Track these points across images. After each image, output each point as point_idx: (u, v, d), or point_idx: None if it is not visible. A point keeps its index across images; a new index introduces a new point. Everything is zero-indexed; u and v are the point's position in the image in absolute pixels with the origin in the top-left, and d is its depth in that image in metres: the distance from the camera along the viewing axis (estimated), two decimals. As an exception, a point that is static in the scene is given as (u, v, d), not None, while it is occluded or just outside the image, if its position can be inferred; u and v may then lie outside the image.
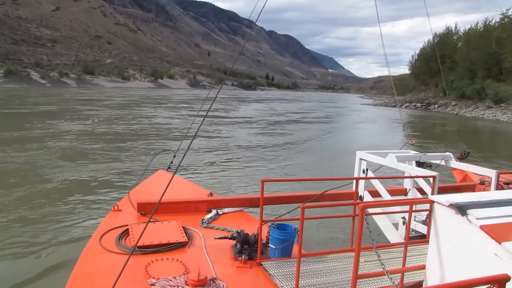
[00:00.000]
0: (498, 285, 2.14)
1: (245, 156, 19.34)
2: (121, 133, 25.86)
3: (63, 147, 18.93)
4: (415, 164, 7.06)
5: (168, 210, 6.04)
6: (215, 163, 17.36)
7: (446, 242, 3.23)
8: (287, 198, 7.08)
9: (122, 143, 21.17)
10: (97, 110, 42.88)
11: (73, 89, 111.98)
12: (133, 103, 61.84)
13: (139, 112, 44.02)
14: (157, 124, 32.15)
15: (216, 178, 14.80)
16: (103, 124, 30.05)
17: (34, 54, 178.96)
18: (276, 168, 17.10)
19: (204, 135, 25.54)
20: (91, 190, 12.10)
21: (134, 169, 14.91)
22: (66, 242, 8.24)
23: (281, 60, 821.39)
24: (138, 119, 35.89)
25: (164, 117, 39.31)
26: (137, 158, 17.09)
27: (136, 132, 26.35)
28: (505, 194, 3.63)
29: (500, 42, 73.73)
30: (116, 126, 29.10)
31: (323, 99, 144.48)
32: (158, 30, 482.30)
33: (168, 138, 24.76)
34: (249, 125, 34.97)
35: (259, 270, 4.55)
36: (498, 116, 58.95)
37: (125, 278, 3.78)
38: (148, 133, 26.33)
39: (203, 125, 4.45)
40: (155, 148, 19.76)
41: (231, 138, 25.75)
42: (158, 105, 58.14)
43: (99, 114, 38.60)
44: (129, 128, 28.33)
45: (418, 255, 4.89)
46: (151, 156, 13.93)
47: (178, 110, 50.45)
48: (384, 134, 35.01)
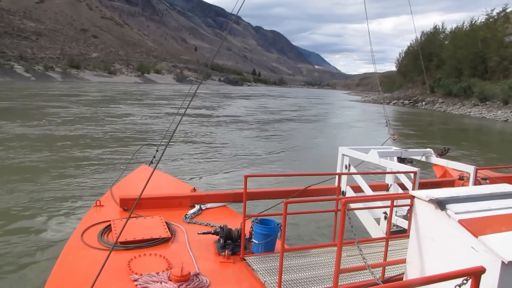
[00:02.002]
0: (474, 277, 2.18)
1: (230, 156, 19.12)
2: (80, 137, 21.65)
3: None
4: (397, 160, 7.14)
5: (151, 205, 6.03)
6: (199, 160, 17.35)
7: (426, 236, 3.28)
8: (270, 193, 7.08)
9: (77, 153, 17.32)
10: (63, 108, 37.44)
11: (57, 83, 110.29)
12: (109, 99, 56.67)
13: (112, 110, 38.89)
14: (130, 125, 27.82)
15: (200, 174, 14.80)
16: (62, 125, 25.43)
17: (18, 47, 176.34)
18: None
19: (189, 132, 25.45)
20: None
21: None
22: (47, 239, 8.18)
23: (268, 56, 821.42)
24: (107, 119, 30.69)
25: (140, 115, 35.06)
26: (90, 176, 13.55)
27: (100, 137, 22.13)
28: (483, 189, 3.68)
29: (485, 42, 75.71)
30: (75, 129, 24.15)
31: (310, 96, 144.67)
32: (145, 24, 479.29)
33: (132, 143, 20.70)
34: (237, 124, 33.43)
35: (242, 265, 4.57)
36: (484, 114, 60.17)
37: (108, 274, 3.77)
38: (113, 138, 22.23)
39: (188, 122, 4.41)
40: (116, 162, 15.98)
41: (216, 136, 25.56)
42: (136, 102, 53.61)
43: (62, 112, 33.21)
44: (91, 132, 23.30)
45: (399, 249, 4.96)
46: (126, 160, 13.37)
47: (157, 107, 46.33)
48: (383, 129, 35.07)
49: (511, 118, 53.24)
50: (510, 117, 53.90)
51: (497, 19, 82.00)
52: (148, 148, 9.34)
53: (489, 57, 73.81)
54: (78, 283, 3.86)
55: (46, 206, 10.11)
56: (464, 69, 78.21)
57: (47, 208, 10.01)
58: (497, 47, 73.25)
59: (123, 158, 16.08)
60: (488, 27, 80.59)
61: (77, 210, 9.88)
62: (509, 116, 54.48)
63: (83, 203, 10.36)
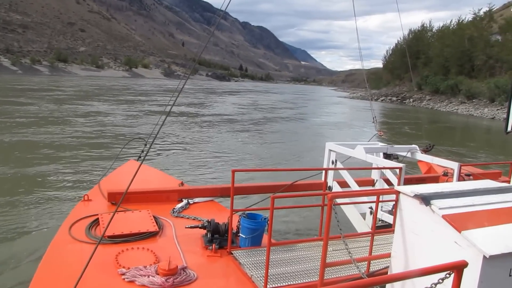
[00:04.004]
0: (457, 271, 2.22)
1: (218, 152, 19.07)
2: (62, 133, 20.32)
3: None
4: (383, 156, 7.22)
5: (139, 199, 6.03)
6: (187, 155, 17.34)
7: (411, 231, 3.33)
8: (257, 188, 7.13)
9: (62, 149, 16.30)
10: (20, 106, 32.17)
11: (44, 77, 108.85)
12: (81, 95, 49.99)
13: (78, 108, 33.65)
14: (120, 121, 26.09)
15: (187, 168, 14.81)
16: (43, 121, 23.54)
17: (4, 40, 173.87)
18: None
19: (177, 128, 25.38)
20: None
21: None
22: (35, 233, 8.15)
23: (255, 51, 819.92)
24: (68, 122, 24.97)
25: (132, 110, 32.62)
26: (77, 171, 12.97)
27: (87, 132, 20.69)
28: (466, 185, 3.75)
29: (472, 41, 76.36)
30: (56, 126, 22.18)
31: (298, 91, 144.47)
32: (132, 18, 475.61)
33: (120, 139, 19.59)
34: (225, 122, 32.43)
35: (229, 259, 4.60)
36: (471, 111, 61.11)
37: (95, 268, 3.78)
38: (100, 134, 20.83)
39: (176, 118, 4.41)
40: (104, 157, 15.20)
41: (203, 132, 25.60)
42: (113, 98, 47.72)
43: (14, 112, 27.50)
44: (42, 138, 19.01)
45: (384, 244, 5.02)
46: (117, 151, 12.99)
47: (134, 105, 41.00)
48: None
49: (498, 116, 53.86)
50: (497, 115, 54.68)
51: (483, 18, 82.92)
52: (137, 143, 9.27)
53: (476, 55, 74.84)
54: (66, 276, 3.85)
55: (34, 201, 10.05)
56: (451, 67, 79.36)
57: (35, 202, 9.95)
58: (484, 46, 74.29)
59: (111, 154, 15.96)
60: (475, 26, 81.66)
61: (65, 204, 9.82)
62: (495, 114, 55.31)
63: (70, 198, 10.31)
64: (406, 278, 2.27)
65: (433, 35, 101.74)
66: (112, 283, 3.85)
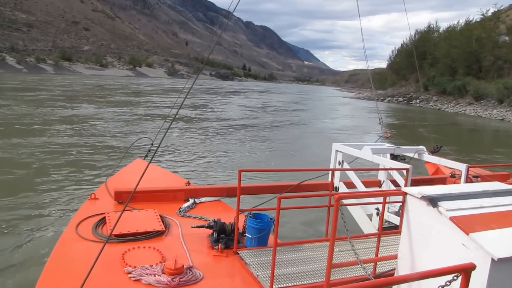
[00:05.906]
0: (464, 273, 2.21)
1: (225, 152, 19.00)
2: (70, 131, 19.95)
3: None
4: (390, 157, 7.19)
5: (146, 198, 6.04)
6: (194, 154, 17.35)
7: (418, 233, 3.32)
8: (264, 188, 7.12)
9: (70, 146, 16.29)
10: (29, 104, 31.56)
11: (50, 76, 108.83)
12: (72, 95, 45.82)
13: (82, 107, 32.89)
14: (103, 128, 22.80)
15: (194, 168, 14.81)
16: (55, 120, 23.07)
17: (9, 39, 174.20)
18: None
19: (184, 128, 25.37)
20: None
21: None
22: (42, 231, 8.15)
23: (258, 51, 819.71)
24: (73, 122, 24.03)
25: (117, 115, 29.16)
26: (84, 170, 12.93)
27: (96, 131, 20.08)
28: (474, 187, 3.75)
29: (479, 41, 75.95)
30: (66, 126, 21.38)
31: (302, 92, 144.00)
32: (136, 18, 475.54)
33: (130, 137, 19.17)
34: (234, 124, 31.22)
35: (235, 259, 4.60)
36: (480, 113, 60.53)
37: (102, 266, 3.78)
38: (110, 132, 20.26)
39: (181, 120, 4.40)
40: (111, 156, 14.90)
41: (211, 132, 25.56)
42: (118, 98, 45.93)
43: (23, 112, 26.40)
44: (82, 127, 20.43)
45: (391, 245, 5.00)
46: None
47: (140, 105, 39.50)
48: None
49: (507, 117, 53.59)
50: (506, 116, 54.26)
51: (491, 18, 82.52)
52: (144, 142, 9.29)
53: (484, 56, 74.31)
54: (72, 275, 3.86)
55: (41, 200, 10.06)
56: (459, 68, 78.91)
57: (42, 201, 9.96)
58: (492, 47, 73.82)
59: (118, 153, 15.99)
60: (483, 26, 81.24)
61: (72, 202, 9.85)
62: (505, 115, 54.87)
63: (77, 196, 10.33)
64: (413, 280, 2.27)
65: (440, 35, 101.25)
66: (119, 281, 3.87)
